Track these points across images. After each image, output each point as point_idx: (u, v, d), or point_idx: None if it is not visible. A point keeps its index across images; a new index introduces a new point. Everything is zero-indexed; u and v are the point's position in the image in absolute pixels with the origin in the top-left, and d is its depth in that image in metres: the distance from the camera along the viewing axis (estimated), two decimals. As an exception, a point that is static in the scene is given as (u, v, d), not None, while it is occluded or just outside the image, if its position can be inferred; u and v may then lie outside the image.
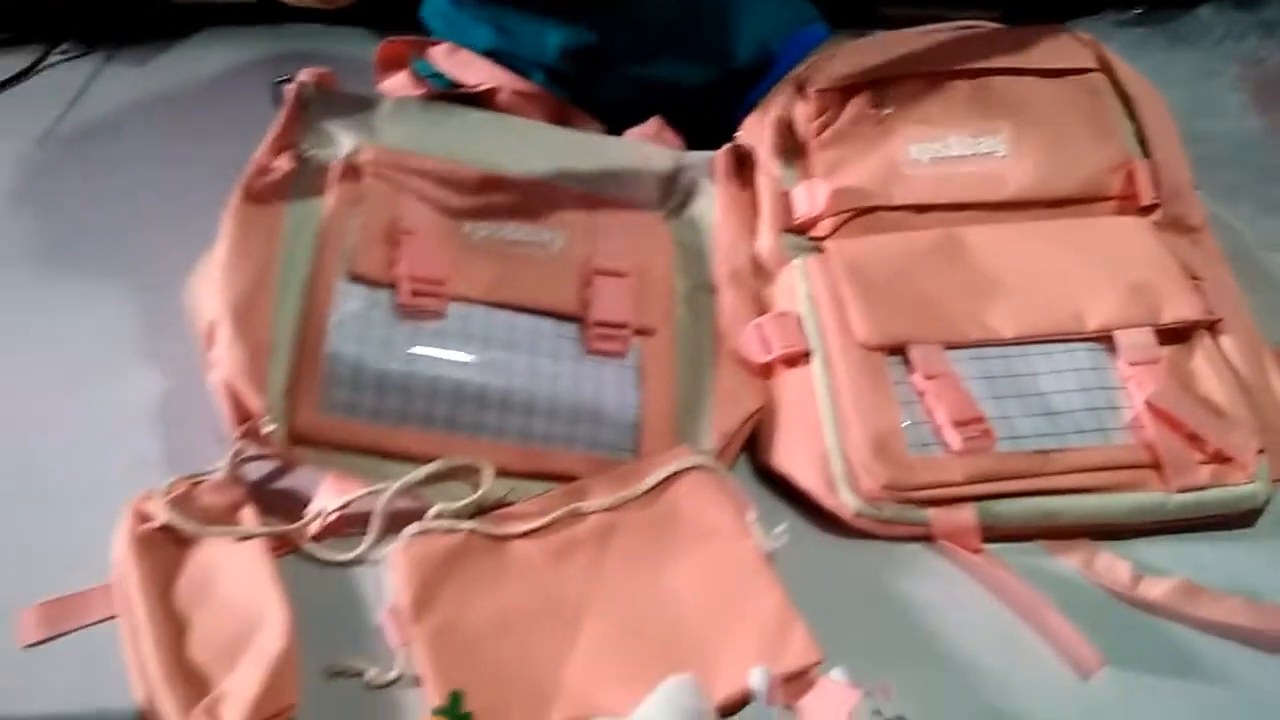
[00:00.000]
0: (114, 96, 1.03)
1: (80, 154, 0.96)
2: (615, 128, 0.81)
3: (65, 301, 0.81)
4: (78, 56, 1.08)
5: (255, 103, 0.92)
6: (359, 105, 0.75)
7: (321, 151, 0.71)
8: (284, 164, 0.70)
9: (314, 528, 0.64)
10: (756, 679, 0.54)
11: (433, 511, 0.62)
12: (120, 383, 0.74)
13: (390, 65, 0.83)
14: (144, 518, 0.63)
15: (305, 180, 0.70)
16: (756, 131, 0.78)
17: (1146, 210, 0.73)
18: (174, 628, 0.58)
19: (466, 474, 0.64)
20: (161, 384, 0.74)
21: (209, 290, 0.64)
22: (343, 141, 0.72)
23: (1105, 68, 0.77)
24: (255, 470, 0.68)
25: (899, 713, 0.54)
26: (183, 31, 1.13)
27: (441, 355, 0.65)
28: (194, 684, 0.55)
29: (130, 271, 0.83)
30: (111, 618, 0.60)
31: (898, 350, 0.67)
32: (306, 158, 0.71)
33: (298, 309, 0.65)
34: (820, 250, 0.73)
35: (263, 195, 0.68)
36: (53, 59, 1.07)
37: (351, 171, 0.70)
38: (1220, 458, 0.63)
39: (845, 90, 0.77)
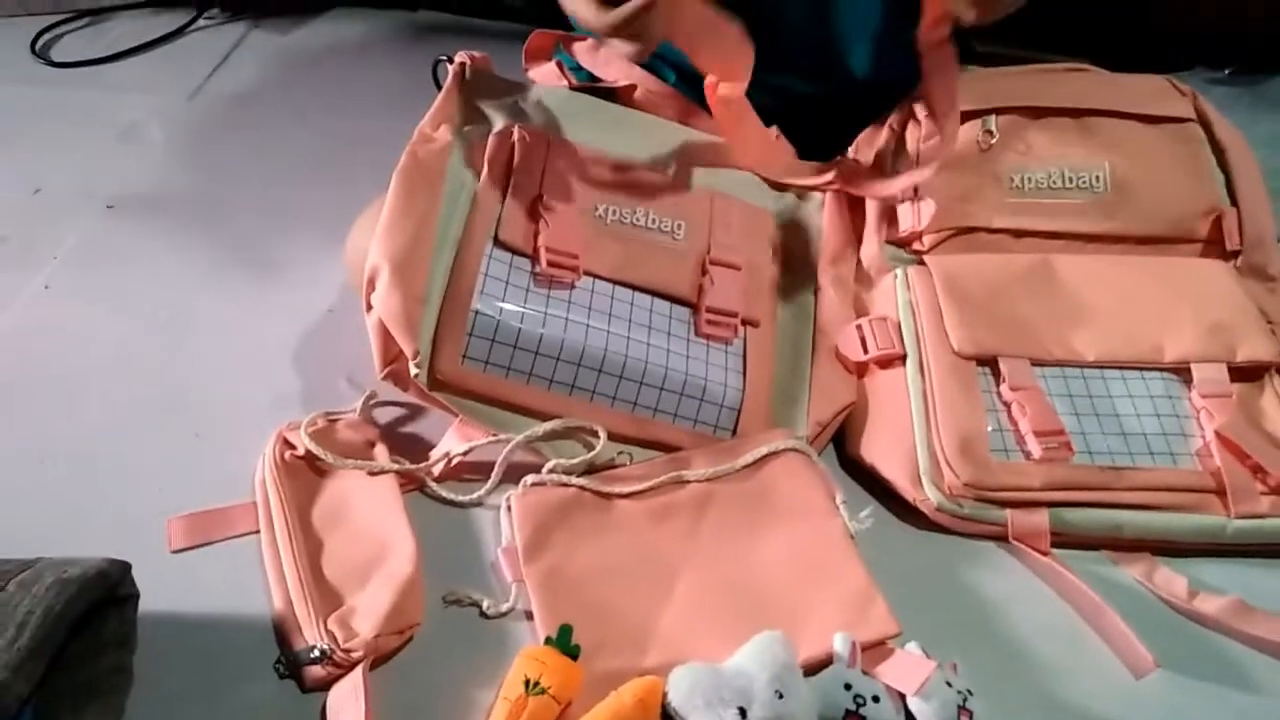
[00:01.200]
0: (257, 62, 1.11)
1: (227, 112, 1.04)
2: None
3: (219, 246, 0.88)
4: (224, 23, 1.17)
5: (384, 76, 0.98)
6: (510, 89, 0.81)
7: (477, 126, 0.78)
8: (444, 135, 0.76)
9: (438, 469, 0.70)
10: (840, 643, 0.59)
11: (549, 465, 0.68)
12: (267, 326, 0.82)
13: (537, 55, 0.90)
14: (288, 446, 0.70)
15: (462, 151, 0.76)
16: (869, 147, 0.83)
17: (1229, 255, 0.78)
18: (311, 546, 0.64)
19: (581, 435, 0.70)
20: (301, 330, 0.82)
21: (373, 241, 0.70)
22: (495, 119, 0.78)
23: (1202, 118, 0.82)
24: (384, 415, 0.75)
25: (968, 686, 0.59)
26: (319, 7, 1.21)
27: (570, 323, 0.71)
28: (328, 596, 0.61)
29: (275, 223, 0.90)
30: (253, 532, 0.67)
31: (987, 362, 0.72)
32: (464, 131, 0.77)
33: (449, 265, 0.71)
34: (920, 262, 0.78)
35: (426, 161, 0.74)
36: (201, 23, 1.16)
37: (503, 147, 0.76)
38: (1280, 490, 0.67)
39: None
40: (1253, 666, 0.63)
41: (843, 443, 0.75)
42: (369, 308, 0.69)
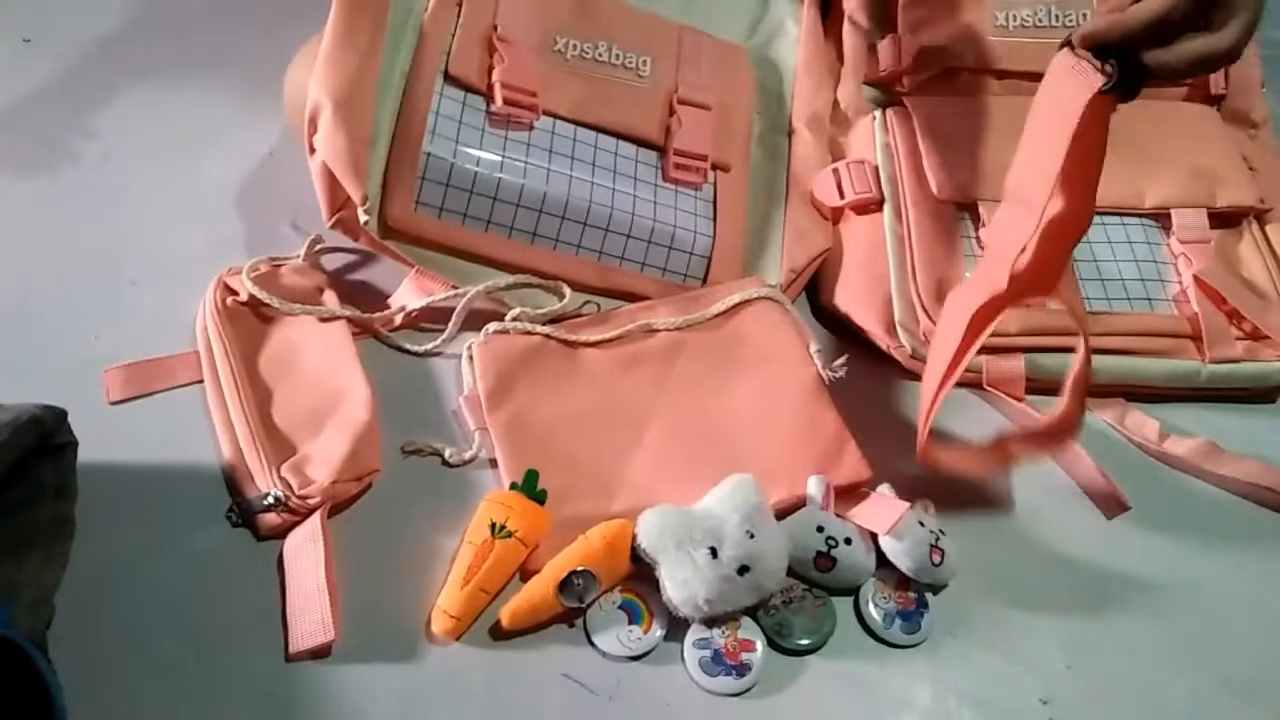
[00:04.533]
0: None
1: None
2: None
3: (147, 86, 0.81)
4: None
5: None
6: None
7: None
8: None
9: (397, 320, 0.66)
10: (813, 486, 0.58)
11: (513, 313, 0.65)
12: (205, 167, 0.76)
13: None
14: (229, 291, 0.65)
15: None
16: None
17: (1214, 100, 0.75)
18: (260, 394, 0.61)
19: (546, 288, 0.67)
20: (241, 171, 0.76)
21: (313, 78, 0.64)
22: None
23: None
24: (333, 262, 0.71)
25: (940, 527, 0.58)
26: None
27: (529, 166, 0.67)
28: (280, 444, 0.59)
29: (207, 61, 0.83)
30: (196, 382, 0.63)
31: (967, 207, 0.69)
32: None
33: (397, 103, 0.66)
34: (899, 104, 0.74)
35: None
36: None
37: None
38: (1256, 335, 0.67)
39: None
40: (1223, 506, 0.64)
41: (816, 291, 0.72)
42: (311, 150, 0.64)
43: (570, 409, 0.62)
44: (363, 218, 0.63)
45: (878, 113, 0.74)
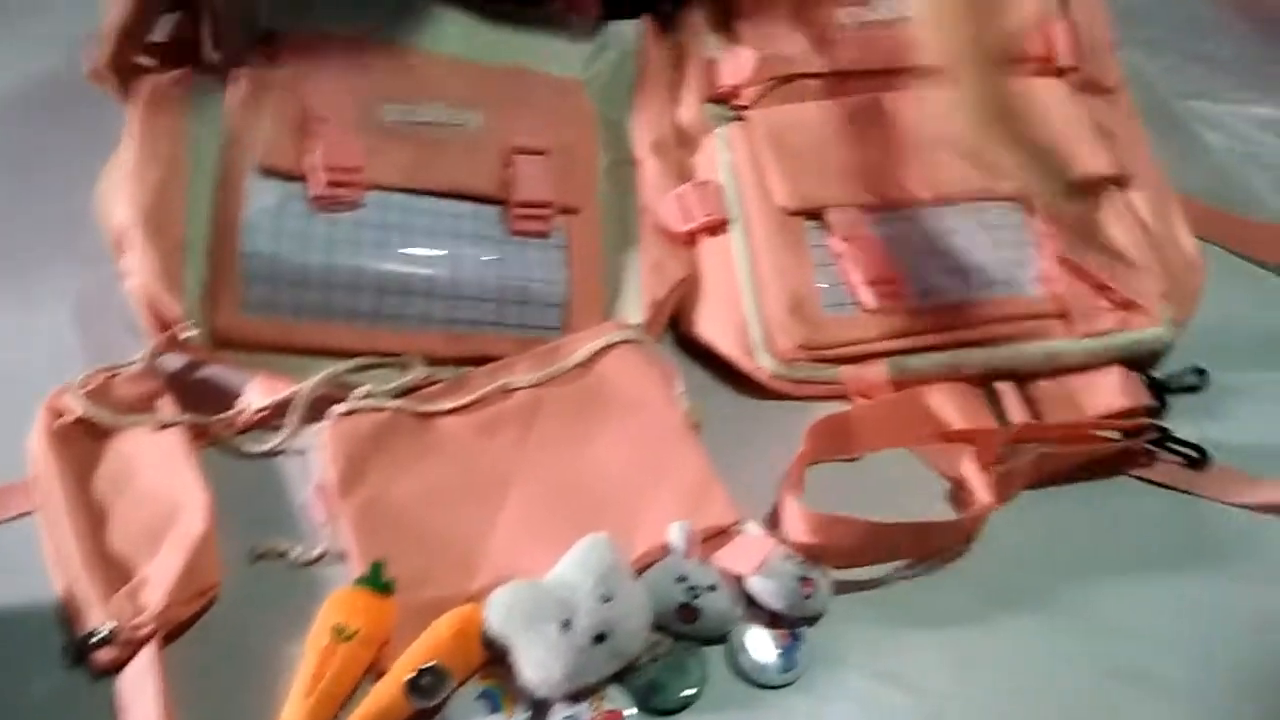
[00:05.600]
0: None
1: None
2: None
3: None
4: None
5: None
6: None
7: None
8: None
9: (239, 423, 0.63)
10: (674, 534, 0.55)
11: (360, 391, 0.62)
12: (36, 283, 0.72)
13: None
14: (59, 413, 0.62)
15: (208, 73, 0.67)
16: None
17: (1064, 72, 0.73)
18: (93, 518, 0.58)
19: (394, 365, 0.64)
20: (78, 280, 0.72)
21: (118, 197, 0.62)
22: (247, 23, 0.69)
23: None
24: (175, 363, 0.68)
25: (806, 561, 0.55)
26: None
27: (360, 246, 0.64)
28: (115, 571, 0.55)
29: (44, 169, 0.81)
30: (29, 513, 0.59)
31: (816, 215, 0.67)
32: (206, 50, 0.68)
33: (210, 209, 0.63)
34: (742, 118, 0.72)
35: (165, 88, 0.66)
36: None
37: (259, 56, 0.67)
38: (1126, 304, 0.64)
39: None
40: (1095, 491, 0.61)
41: (678, 323, 0.69)
42: (123, 272, 0.61)
43: (427, 484, 0.59)
44: (187, 334, 0.60)
45: (721, 130, 0.71)
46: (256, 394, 0.63)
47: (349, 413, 0.61)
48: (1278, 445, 0.63)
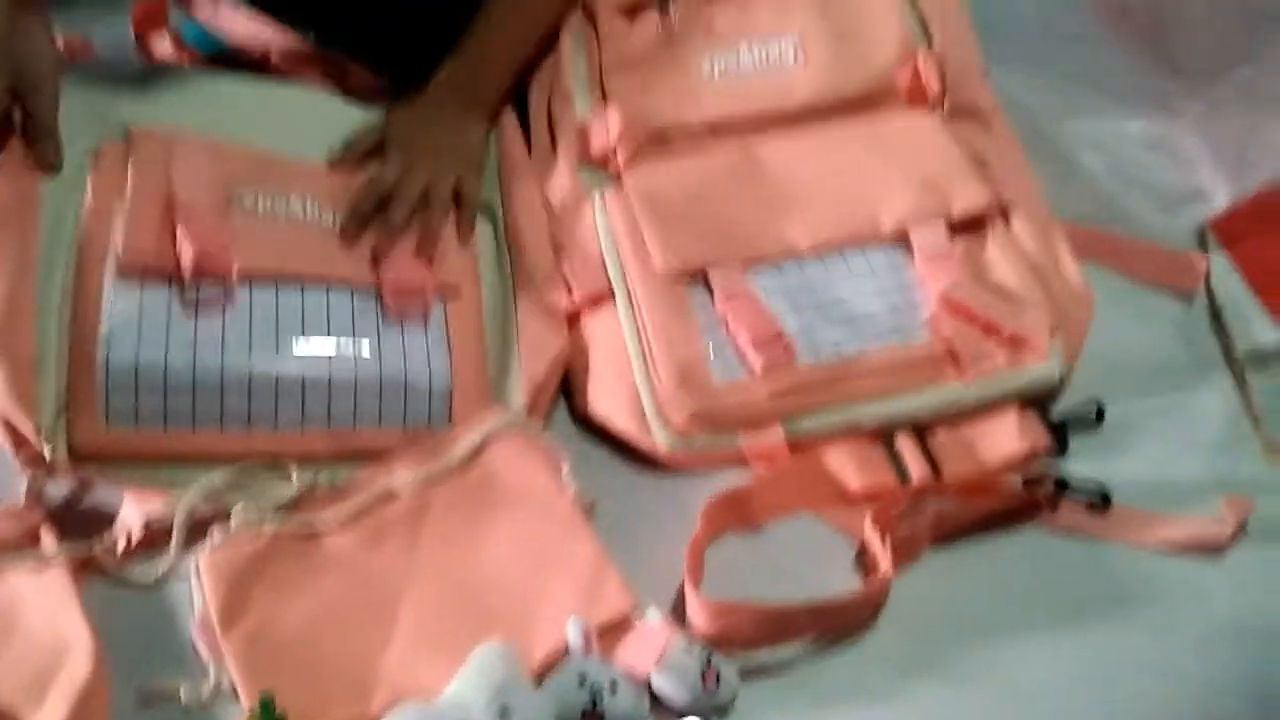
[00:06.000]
0: None
1: None
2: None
3: None
4: None
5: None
6: (116, 79, 0.69)
7: (74, 141, 0.66)
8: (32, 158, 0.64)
9: (119, 546, 0.61)
10: (571, 631, 0.54)
11: (235, 512, 0.60)
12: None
13: (148, 24, 0.78)
14: (-68, 558, 0.60)
15: (61, 176, 0.65)
16: (549, 61, 0.75)
17: (935, 102, 0.73)
18: (-23, 671, 0.56)
19: (271, 471, 0.62)
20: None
21: None
22: (97, 124, 0.67)
23: (882, -42, 0.76)
24: (55, 493, 0.65)
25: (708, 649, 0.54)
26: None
27: (228, 345, 0.62)
28: (2, 723, 0.53)
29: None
30: (-91, 669, 0.57)
31: (699, 276, 0.66)
32: (57, 146, 0.65)
33: (65, 317, 0.61)
34: (617, 181, 0.71)
35: (11, 195, 0.63)
36: None
37: (112, 156, 0.65)
38: (1015, 342, 0.64)
39: (632, 9, 0.75)
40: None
41: (572, 401, 0.68)
42: None
43: (314, 607, 0.57)
44: (44, 450, 0.58)
45: (596, 195, 0.70)
46: (130, 509, 0.61)
47: (226, 539, 0.59)
48: (1176, 476, 0.63)
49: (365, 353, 0.64)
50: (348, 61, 0.77)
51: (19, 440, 0.60)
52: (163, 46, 0.78)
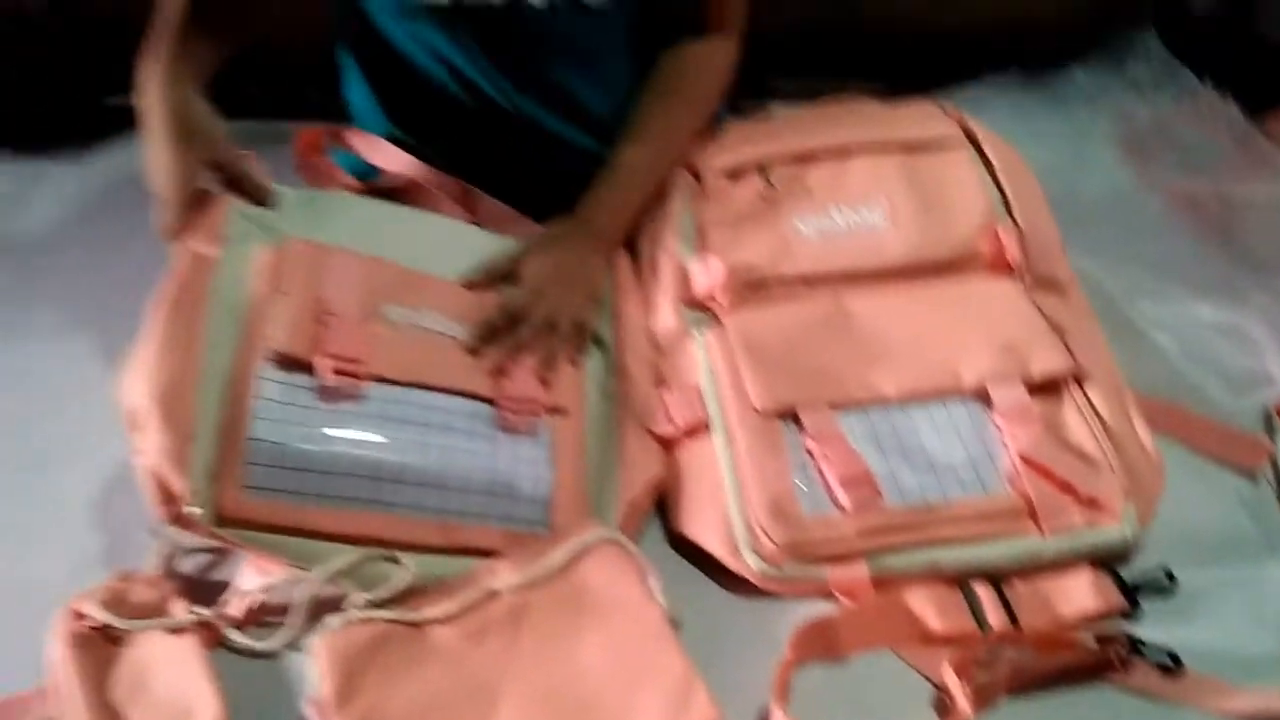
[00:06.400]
0: (51, 195, 1.06)
1: (19, 257, 0.99)
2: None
3: (4, 401, 0.83)
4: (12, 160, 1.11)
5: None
6: (283, 198, 0.78)
7: (243, 243, 0.74)
8: (208, 253, 0.72)
9: (234, 610, 0.66)
10: (661, 741, 0.57)
11: (352, 601, 0.65)
12: (60, 482, 0.76)
13: (310, 152, 0.88)
14: (79, 617, 0.65)
15: (228, 269, 0.73)
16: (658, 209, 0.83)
17: (1016, 271, 0.78)
18: (109, 726, 0.60)
19: (387, 560, 0.67)
20: (97, 485, 0.76)
21: (135, 382, 0.66)
22: (265, 233, 0.75)
23: (970, 137, 0.84)
24: (190, 564, 0.71)
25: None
26: (119, 129, 1.16)
27: (359, 435, 0.68)
28: (129, 780, 0.57)
29: (69, 367, 0.85)
30: (50, 720, 0.62)
31: (791, 415, 0.71)
32: (229, 247, 0.74)
33: (221, 394, 0.68)
34: (718, 322, 0.77)
35: (187, 284, 0.71)
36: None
37: (276, 262, 0.74)
38: (1091, 503, 0.67)
39: (735, 173, 0.83)
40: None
41: (666, 521, 0.73)
42: (137, 454, 0.66)
43: (421, 694, 0.61)
44: (191, 511, 0.64)
45: (697, 334, 0.77)
46: (251, 578, 0.66)
47: (343, 623, 0.64)
48: (1244, 646, 0.65)
49: (479, 455, 0.70)
50: (482, 194, 0.86)
51: (168, 500, 0.66)
52: (320, 172, 0.87)
